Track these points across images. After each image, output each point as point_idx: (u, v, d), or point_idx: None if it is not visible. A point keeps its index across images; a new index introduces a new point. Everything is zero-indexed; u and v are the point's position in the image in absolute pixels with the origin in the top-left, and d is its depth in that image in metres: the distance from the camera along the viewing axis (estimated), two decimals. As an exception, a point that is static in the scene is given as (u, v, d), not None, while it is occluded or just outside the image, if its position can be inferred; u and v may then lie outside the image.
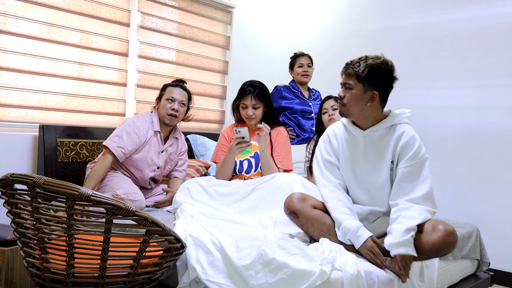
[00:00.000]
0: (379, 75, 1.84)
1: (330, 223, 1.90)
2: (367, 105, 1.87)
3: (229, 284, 1.70)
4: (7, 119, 2.73)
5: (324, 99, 3.06)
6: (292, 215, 1.96)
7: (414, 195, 1.78)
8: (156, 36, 3.53)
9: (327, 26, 4.24)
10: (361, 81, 1.85)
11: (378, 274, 1.71)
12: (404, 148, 1.85)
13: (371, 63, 1.84)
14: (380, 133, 1.91)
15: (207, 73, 3.96)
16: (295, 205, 1.94)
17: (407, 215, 1.73)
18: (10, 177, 1.55)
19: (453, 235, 1.73)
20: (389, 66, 1.87)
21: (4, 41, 2.69)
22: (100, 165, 2.50)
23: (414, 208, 1.75)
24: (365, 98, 1.86)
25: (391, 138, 1.88)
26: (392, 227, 1.75)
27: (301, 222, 1.94)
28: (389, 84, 1.89)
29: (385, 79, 1.86)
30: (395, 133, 1.88)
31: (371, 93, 1.85)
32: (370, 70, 1.83)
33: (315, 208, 1.95)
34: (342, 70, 1.93)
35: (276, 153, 2.74)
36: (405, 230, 1.69)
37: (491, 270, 2.80)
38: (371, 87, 1.85)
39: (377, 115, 1.91)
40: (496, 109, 3.23)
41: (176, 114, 2.70)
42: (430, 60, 3.54)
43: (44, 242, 1.57)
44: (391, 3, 3.81)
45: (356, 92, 1.87)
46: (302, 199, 1.96)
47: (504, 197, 3.18)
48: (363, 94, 1.86)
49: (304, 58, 3.55)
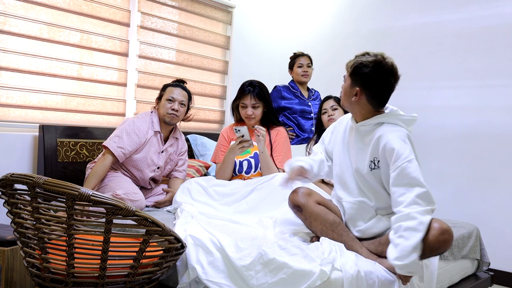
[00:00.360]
0: (363, 73, 1.82)
1: (333, 220, 1.91)
2: (352, 100, 1.88)
3: (229, 284, 1.70)
4: (7, 119, 2.73)
5: (324, 99, 3.06)
6: (296, 208, 1.96)
7: (408, 198, 1.70)
8: (156, 36, 3.53)
9: (327, 26, 4.24)
10: (350, 76, 1.87)
11: (378, 274, 1.71)
12: (385, 151, 1.80)
13: (361, 60, 1.83)
14: (367, 129, 1.90)
15: (207, 73, 3.96)
16: (300, 199, 1.94)
17: (409, 227, 1.65)
18: (10, 177, 1.55)
19: (448, 233, 1.70)
20: (380, 66, 1.81)
21: (4, 41, 2.69)
22: (100, 165, 2.50)
23: (413, 215, 1.66)
24: (351, 93, 1.88)
25: (374, 136, 1.85)
26: (396, 240, 1.67)
27: (305, 216, 1.94)
28: (378, 84, 1.83)
29: (372, 79, 1.82)
30: (378, 132, 1.85)
31: (356, 89, 1.85)
32: (356, 67, 1.83)
33: (319, 204, 1.95)
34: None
35: (276, 153, 2.74)
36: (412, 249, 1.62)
37: (491, 270, 2.79)
38: (357, 84, 1.85)
39: (365, 112, 1.89)
40: (496, 109, 3.23)
41: (176, 114, 2.70)
42: (430, 60, 3.54)
43: (44, 242, 1.57)
44: (391, 3, 3.81)
45: (346, 86, 1.91)
46: (307, 193, 1.96)
47: (504, 197, 3.18)
48: (350, 89, 1.88)
49: (304, 58, 3.54)
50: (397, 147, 1.76)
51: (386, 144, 1.79)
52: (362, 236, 1.94)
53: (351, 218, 1.96)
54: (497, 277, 2.97)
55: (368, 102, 1.87)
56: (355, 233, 1.95)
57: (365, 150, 1.90)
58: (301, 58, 3.54)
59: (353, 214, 1.94)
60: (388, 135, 1.81)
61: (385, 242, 1.83)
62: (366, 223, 1.93)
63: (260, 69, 4.28)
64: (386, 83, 1.84)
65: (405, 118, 1.88)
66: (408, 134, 1.83)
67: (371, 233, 1.92)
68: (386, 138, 1.80)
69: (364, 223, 1.93)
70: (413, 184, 1.71)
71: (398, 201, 1.73)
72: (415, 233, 1.64)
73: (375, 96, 1.86)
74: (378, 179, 1.88)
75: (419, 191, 1.69)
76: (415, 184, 1.70)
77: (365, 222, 1.93)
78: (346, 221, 1.98)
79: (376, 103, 1.88)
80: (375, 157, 1.85)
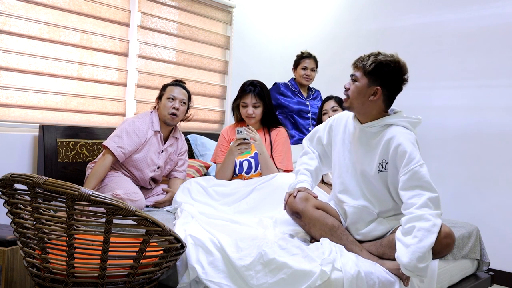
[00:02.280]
0: (385, 72, 1.83)
1: (332, 224, 1.90)
2: (369, 99, 1.87)
3: (229, 284, 1.70)
4: (7, 119, 2.73)
5: (325, 100, 3.06)
6: (295, 215, 1.95)
7: (421, 200, 1.69)
8: (156, 36, 3.53)
9: (327, 26, 4.24)
10: (367, 75, 1.85)
11: (378, 274, 1.71)
12: (396, 154, 1.80)
13: (381, 59, 1.84)
14: (375, 130, 1.89)
15: (207, 73, 3.96)
16: (298, 205, 1.93)
17: (423, 228, 1.64)
18: (10, 177, 1.55)
19: (451, 237, 1.72)
20: (399, 66, 1.85)
21: (4, 41, 2.69)
22: (100, 165, 2.50)
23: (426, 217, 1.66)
24: (368, 93, 1.86)
25: (383, 138, 1.85)
26: (409, 240, 1.65)
27: (304, 222, 1.93)
28: (396, 83, 1.87)
29: (392, 78, 1.85)
30: (387, 134, 1.85)
31: (375, 88, 1.85)
32: (377, 65, 1.83)
33: (318, 208, 1.94)
34: (352, 63, 1.94)
35: (276, 153, 2.74)
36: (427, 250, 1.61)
37: (491, 270, 2.79)
38: (375, 83, 1.85)
39: (377, 113, 1.90)
40: (496, 109, 3.23)
41: (177, 112, 2.70)
42: (430, 60, 3.54)
43: (44, 242, 1.57)
44: (391, 3, 3.81)
45: (361, 85, 1.87)
46: (304, 199, 1.94)
47: (504, 197, 3.18)
48: (366, 88, 1.86)
49: (310, 61, 3.48)
50: (409, 150, 1.76)
51: (399, 147, 1.79)
52: (364, 239, 1.94)
53: (353, 222, 1.95)
54: (497, 277, 2.97)
55: (383, 102, 1.89)
56: (357, 236, 1.94)
57: (372, 152, 1.89)
58: (307, 60, 3.48)
59: (355, 218, 1.93)
60: (399, 137, 1.81)
61: (386, 244, 1.83)
62: (367, 226, 1.93)
63: (260, 69, 4.27)
64: (401, 83, 1.88)
65: (412, 121, 1.89)
66: (416, 138, 1.85)
67: (372, 236, 1.92)
68: (397, 140, 1.80)
69: (366, 226, 1.93)
70: (425, 188, 1.72)
71: (409, 203, 1.73)
72: (429, 235, 1.64)
73: (390, 96, 1.89)
74: (384, 181, 1.87)
75: (431, 195, 1.70)
76: (427, 188, 1.72)
77: (366, 225, 1.93)
78: (348, 225, 1.97)
79: (389, 103, 1.91)
80: (384, 159, 1.85)
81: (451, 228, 1.77)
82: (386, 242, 1.84)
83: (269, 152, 2.71)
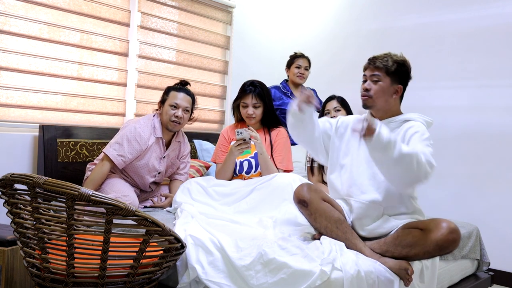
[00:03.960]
0: (404, 71, 1.99)
1: (337, 217, 1.92)
2: (392, 97, 1.99)
3: (229, 284, 1.70)
4: (7, 119, 2.73)
5: (327, 100, 3.06)
6: (301, 203, 1.96)
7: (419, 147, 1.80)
8: (156, 36, 3.53)
9: (327, 26, 4.24)
10: (389, 75, 1.97)
11: (378, 274, 1.71)
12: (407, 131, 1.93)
13: (398, 59, 1.99)
14: (395, 126, 1.99)
15: (207, 73, 3.96)
16: (305, 194, 1.94)
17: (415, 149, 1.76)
18: (10, 177, 1.55)
19: (456, 233, 1.75)
20: (409, 64, 2.02)
21: (4, 41, 2.69)
22: (98, 171, 2.48)
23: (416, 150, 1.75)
24: (391, 91, 1.99)
25: (401, 131, 1.97)
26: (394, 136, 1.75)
27: (310, 211, 1.93)
28: (408, 80, 2.04)
29: (407, 75, 2.02)
30: (405, 126, 1.97)
31: (397, 87, 1.99)
32: (398, 65, 1.97)
33: (324, 201, 1.96)
34: (367, 64, 2.03)
35: (276, 153, 2.74)
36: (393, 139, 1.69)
37: (491, 270, 2.80)
38: (397, 81, 1.99)
39: (397, 109, 2.04)
40: (496, 109, 3.24)
41: (180, 121, 2.63)
42: (430, 60, 3.54)
43: (44, 242, 1.57)
44: (391, 3, 3.81)
45: (384, 85, 1.97)
46: (313, 189, 1.97)
47: (504, 197, 3.18)
48: (389, 87, 1.98)
49: (303, 60, 3.58)
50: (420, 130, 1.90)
51: (410, 127, 1.93)
52: (368, 236, 1.95)
53: (359, 217, 1.97)
54: (497, 277, 2.97)
55: (400, 99, 2.05)
56: (362, 233, 1.96)
57: None
58: (301, 59, 3.58)
59: (361, 214, 1.95)
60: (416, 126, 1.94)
61: (389, 241, 1.85)
62: (373, 222, 1.94)
63: (260, 69, 4.27)
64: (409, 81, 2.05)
65: (428, 120, 2.01)
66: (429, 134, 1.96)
67: (378, 233, 1.93)
68: (412, 125, 1.95)
69: (372, 222, 1.94)
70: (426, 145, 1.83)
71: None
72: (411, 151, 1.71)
73: (403, 93, 2.04)
74: None
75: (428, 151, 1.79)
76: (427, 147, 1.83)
77: (373, 221, 1.95)
78: (353, 220, 1.99)
79: (402, 100, 2.06)
80: None
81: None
82: (390, 239, 1.87)
83: (269, 152, 2.71)
